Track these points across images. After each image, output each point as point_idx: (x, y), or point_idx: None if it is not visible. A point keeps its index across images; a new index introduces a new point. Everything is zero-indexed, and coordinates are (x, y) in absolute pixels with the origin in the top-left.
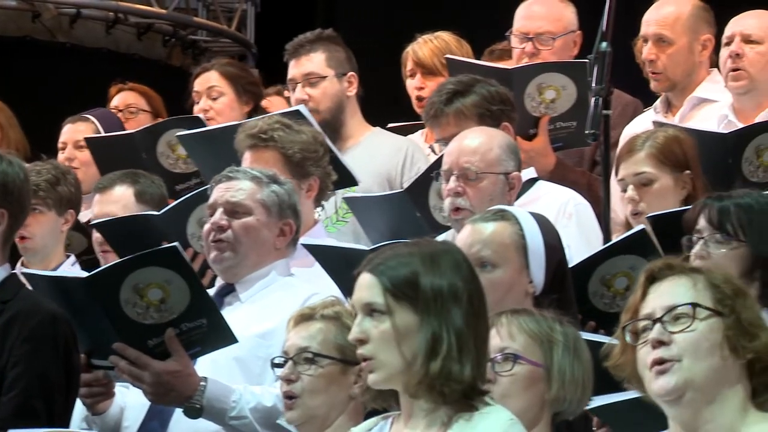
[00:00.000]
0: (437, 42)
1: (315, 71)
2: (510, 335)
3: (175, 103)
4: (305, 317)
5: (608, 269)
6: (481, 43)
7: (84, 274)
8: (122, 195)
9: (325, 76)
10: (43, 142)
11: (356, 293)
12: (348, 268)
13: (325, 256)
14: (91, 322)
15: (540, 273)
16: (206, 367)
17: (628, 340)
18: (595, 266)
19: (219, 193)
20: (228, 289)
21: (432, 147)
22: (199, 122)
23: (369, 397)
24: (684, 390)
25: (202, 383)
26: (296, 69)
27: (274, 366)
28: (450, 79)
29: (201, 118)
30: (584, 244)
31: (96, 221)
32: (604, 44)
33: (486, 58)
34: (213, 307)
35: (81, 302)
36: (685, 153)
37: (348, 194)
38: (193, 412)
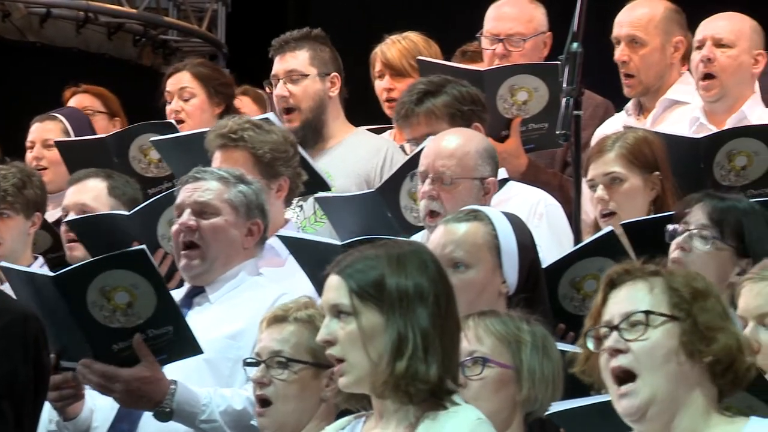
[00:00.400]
0: (406, 43)
1: (297, 69)
2: (478, 338)
3: (145, 103)
4: (278, 319)
5: (577, 272)
6: (450, 44)
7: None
8: (95, 186)
9: (308, 75)
10: (12, 142)
11: (324, 295)
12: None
13: (300, 250)
14: (60, 321)
15: (513, 273)
16: (175, 368)
17: (591, 347)
18: (564, 269)
19: (186, 193)
20: (197, 291)
21: (403, 147)
22: (171, 127)
23: (342, 399)
24: (647, 408)
25: (171, 387)
26: (280, 65)
27: (246, 365)
28: (421, 80)
29: (173, 123)
30: (555, 244)
31: (68, 218)
32: (575, 45)
33: (458, 59)
34: (179, 315)
35: (50, 301)
36: (654, 154)
37: (319, 194)
38: (163, 416)
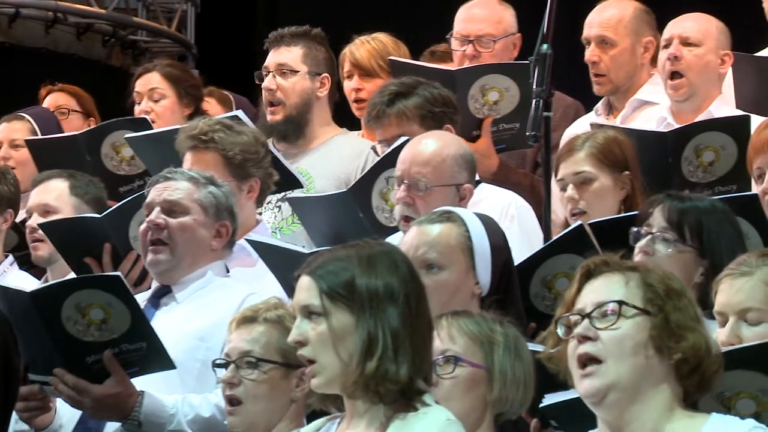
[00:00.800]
0: (374, 43)
1: (288, 63)
2: (450, 337)
3: (114, 103)
4: (248, 319)
5: (549, 270)
6: (418, 44)
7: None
8: (56, 186)
9: (298, 71)
10: None
11: (295, 296)
12: (288, 267)
13: (268, 253)
14: (30, 334)
15: (486, 274)
16: None
17: (561, 334)
18: (535, 266)
19: (156, 192)
20: (164, 290)
21: (374, 148)
22: (145, 123)
23: (316, 400)
24: (607, 391)
25: (139, 397)
26: (272, 57)
27: (216, 366)
28: (392, 81)
29: (147, 119)
30: (526, 246)
31: (41, 222)
32: (545, 46)
33: (427, 59)
34: (153, 333)
35: (21, 313)
36: (624, 154)
37: (291, 194)
38: (132, 428)
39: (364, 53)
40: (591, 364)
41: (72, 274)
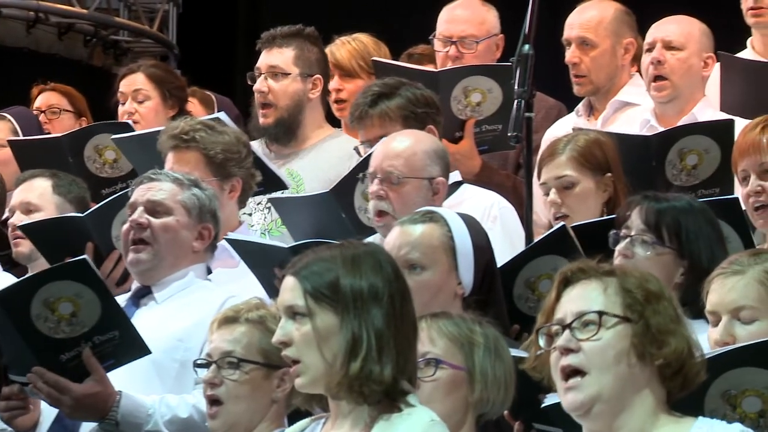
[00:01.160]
0: (355, 44)
1: (279, 66)
2: (430, 340)
3: (96, 103)
4: (229, 320)
5: (532, 271)
6: (399, 45)
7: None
8: (39, 185)
9: (289, 74)
10: None
11: (280, 296)
12: (268, 264)
13: (246, 252)
14: (5, 336)
15: (469, 274)
16: (122, 371)
17: (542, 344)
18: (518, 268)
19: (140, 192)
20: (144, 291)
21: (357, 149)
22: (128, 127)
23: (301, 400)
24: (592, 404)
25: (117, 397)
26: (264, 59)
27: (197, 366)
28: (376, 82)
29: (129, 123)
30: (508, 247)
31: (22, 224)
32: (526, 47)
33: (404, 61)
34: (125, 318)
35: None
36: (606, 156)
37: (273, 195)
38: (109, 428)
39: (344, 54)
40: (574, 376)
41: None
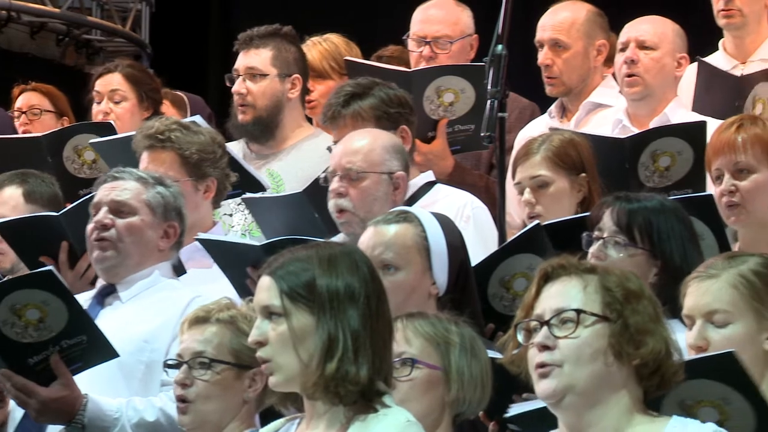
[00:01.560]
0: (326, 45)
1: (257, 67)
2: (406, 339)
3: (69, 102)
4: (200, 320)
5: (506, 270)
6: (370, 46)
7: None
8: (11, 196)
9: (267, 75)
10: None
11: (256, 296)
12: (241, 264)
13: (218, 251)
14: None
15: (443, 274)
16: (87, 372)
17: (521, 339)
18: (493, 267)
19: (104, 192)
20: (109, 290)
21: (329, 148)
22: (110, 128)
23: (276, 400)
24: (564, 394)
25: (83, 401)
26: (242, 60)
27: (167, 367)
28: (349, 82)
29: (112, 124)
30: (481, 247)
31: None
32: (499, 47)
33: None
34: (92, 324)
35: None
36: (580, 156)
37: (246, 195)
38: (76, 431)
39: (315, 54)
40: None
41: None
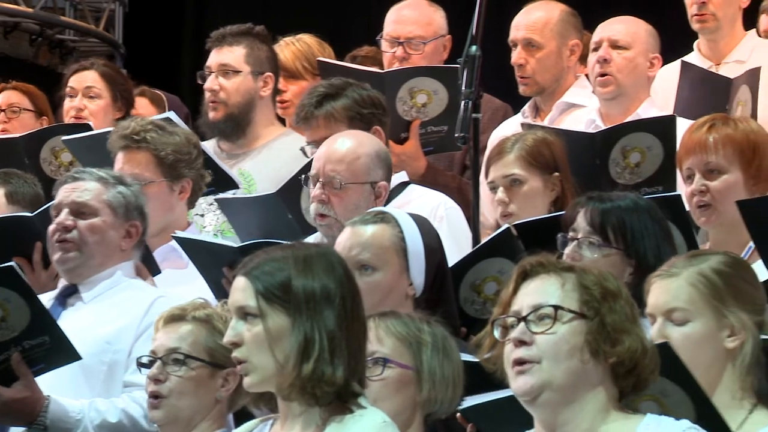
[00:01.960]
0: (299, 45)
1: (231, 64)
2: (378, 339)
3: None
4: (175, 318)
5: (478, 274)
6: (343, 46)
7: None
8: None
9: (240, 71)
10: None
11: (231, 297)
12: (217, 264)
13: (194, 251)
14: None
15: (420, 275)
16: (49, 374)
17: (497, 336)
18: (464, 271)
19: (65, 193)
20: (71, 290)
21: (303, 149)
22: (88, 129)
23: (250, 400)
24: (540, 391)
25: (45, 402)
26: (215, 57)
27: (141, 366)
28: (322, 82)
29: (90, 125)
30: (455, 247)
31: None
32: (473, 48)
33: (348, 62)
34: (54, 325)
35: None
36: (553, 155)
37: (219, 195)
38: None
39: (288, 54)
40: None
41: None
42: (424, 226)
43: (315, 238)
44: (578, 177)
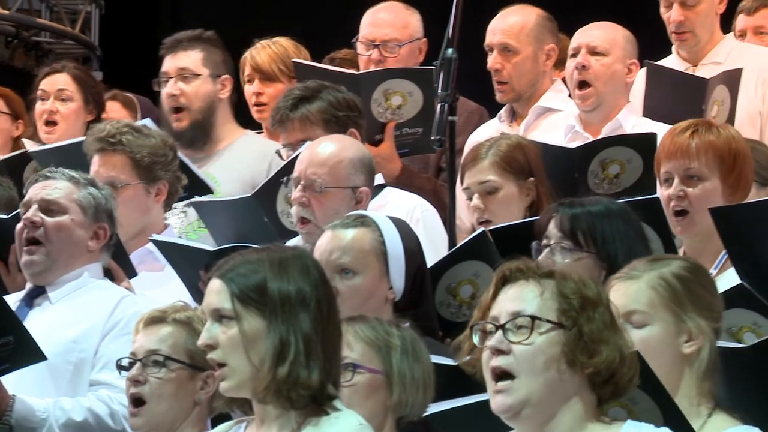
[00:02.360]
0: (275, 47)
1: (189, 67)
2: (347, 344)
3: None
4: (155, 320)
5: (453, 277)
6: (319, 49)
7: None
8: None
9: (199, 75)
10: None
11: (206, 299)
12: (194, 266)
13: (172, 253)
14: None
15: (400, 279)
16: (15, 374)
17: (476, 341)
18: (439, 274)
19: (35, 191)
20: (38, 291)
21: (279, 152)
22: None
23: (223, 403)
24: (521, 408)
25: (10, 401)
26: (171, 63)
27: (120, 368)
28: (297, 85)
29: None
30: (431, 249)
31: None
32: (450, 51)
33: (326, 64)
34: (19, 325)
35: None
36: (528, 160)
37: (195, 198)
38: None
39: (264, 57)
40: (504, 378)
41: None
42: (404, 230)
43: (297, 242)
44: (557, 188)
